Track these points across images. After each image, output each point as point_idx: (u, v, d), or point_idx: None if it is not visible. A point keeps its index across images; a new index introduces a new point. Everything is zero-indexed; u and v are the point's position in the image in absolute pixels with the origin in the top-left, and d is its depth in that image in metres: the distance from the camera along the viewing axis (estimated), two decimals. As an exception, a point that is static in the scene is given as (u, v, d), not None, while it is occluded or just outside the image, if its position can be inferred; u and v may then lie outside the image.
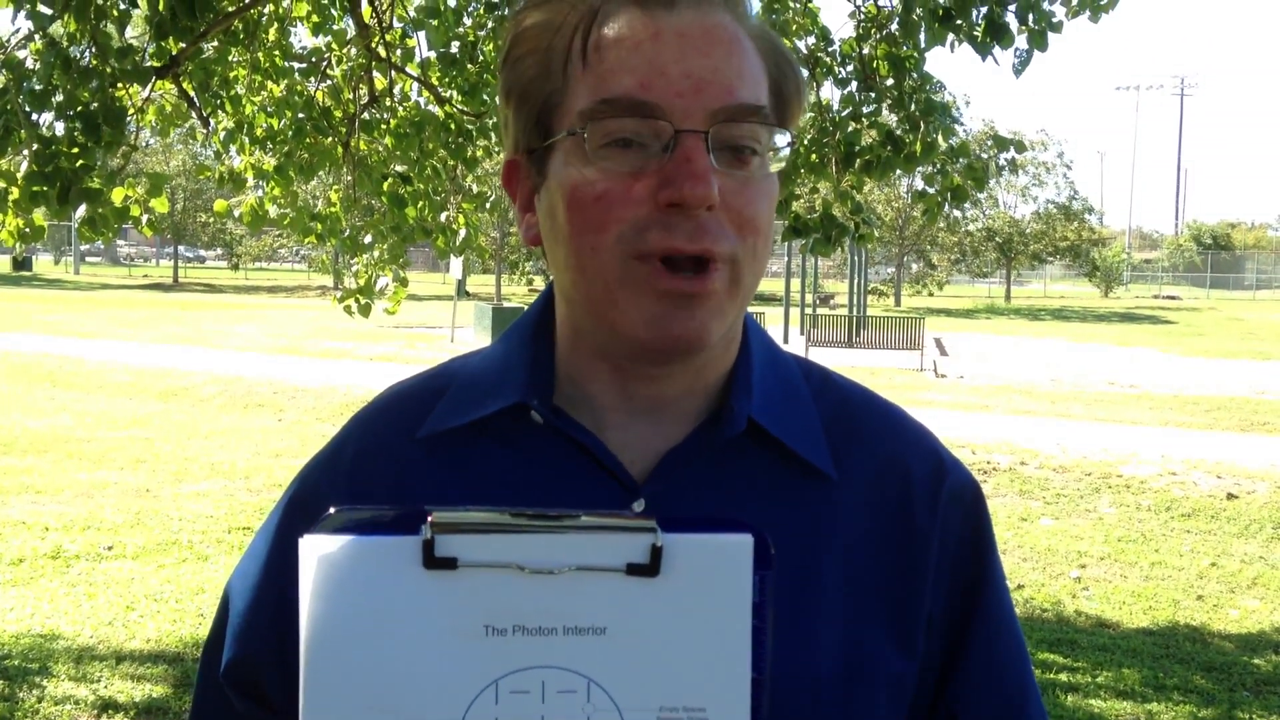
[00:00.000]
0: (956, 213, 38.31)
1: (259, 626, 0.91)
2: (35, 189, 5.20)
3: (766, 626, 0.68)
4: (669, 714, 0.67)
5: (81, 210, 5.17)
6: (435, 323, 24.60)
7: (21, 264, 46.94)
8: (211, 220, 47.76)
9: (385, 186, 6.38)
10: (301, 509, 0.91)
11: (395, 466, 0.90)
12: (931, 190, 6.09)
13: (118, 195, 5.34)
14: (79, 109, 4.90)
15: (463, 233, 6.91)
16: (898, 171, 5.75)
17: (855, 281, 25.56)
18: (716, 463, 0.88)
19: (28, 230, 5.68)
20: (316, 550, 0.66)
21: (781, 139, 0.85)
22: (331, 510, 0.67)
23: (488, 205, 7.36)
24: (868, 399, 0.97)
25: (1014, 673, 0.95)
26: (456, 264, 17.74)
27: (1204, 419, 12.56)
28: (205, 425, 11.43)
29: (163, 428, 11.26)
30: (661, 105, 0.80)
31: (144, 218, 5.58)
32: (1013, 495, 8.70)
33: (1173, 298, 49.38)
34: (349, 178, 6.48)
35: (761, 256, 0.84)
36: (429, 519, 0.66)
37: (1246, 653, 5.52)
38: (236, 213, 6.46)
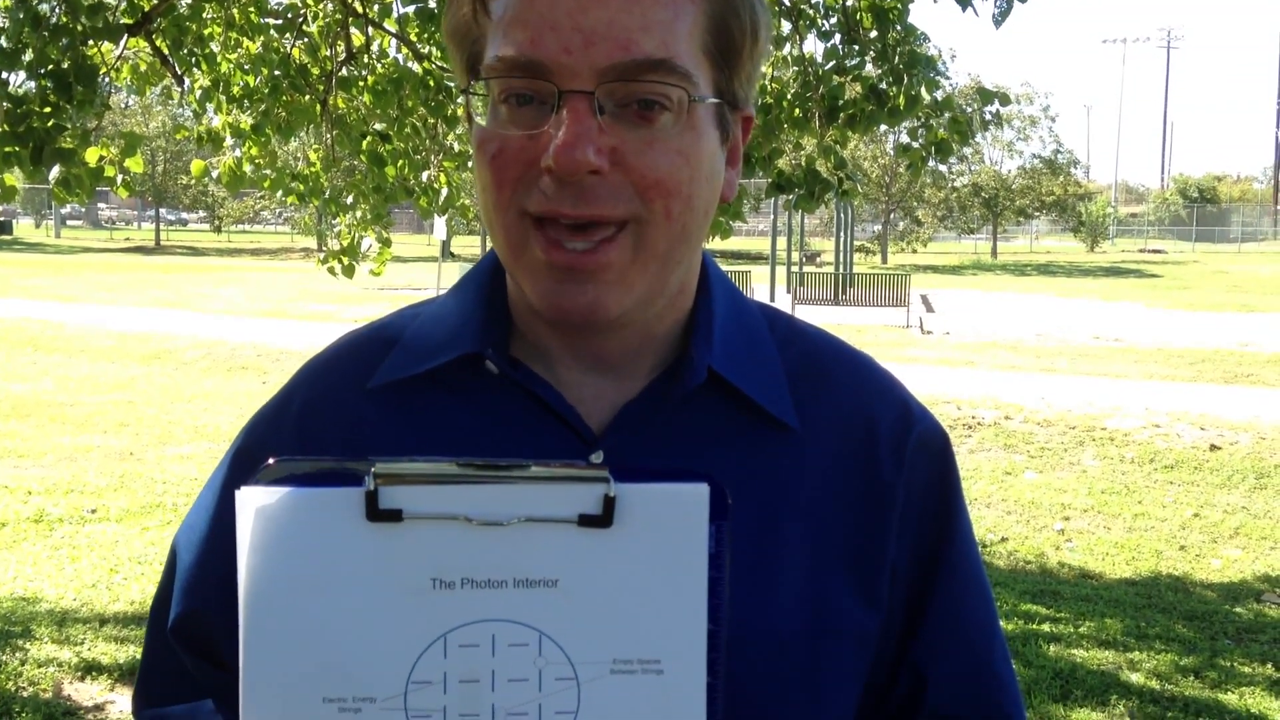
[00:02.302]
0: (942, 168, 38.23)
1: (206, 582, 0.89)
2: (7, 149, 5.12)
3: (724, 578, 0.66)
4: (623, 667, 0.65)
5: (55, 171, 5.11)
6: (420, 285, 24.48)
7: (1, 228, 46.53)
8: (192, 182, 47.35)
9: (365, 145, 6.32)
10: (248, 461, 0.88)
11: (345, 418, 0.88)
12: (916, 144, 6.05)
13: (92, 155, 5.27)
14: (50, 67, 4.82)
15: (445, 192, 6.85)
16: (882, 126, 5.71)
17: (841, 239, 25.50)
18: (676, 414, 0.86)
19: (0, 190, 5.60)
20: (254, 503, 0.64)
21: (706, 88, 0.79)
22: (270, 461, 0.65)
23: (470, 165, 7.28)
24: (835, 348, 0.95)
25: (981, 627, 0.93)
26: (440, 225, 17.61)
27: (1188, 371, 12.61)
28: (189, 388, 11.38)
29: (146, 391, 11.20)
30: (547, 63, 0.75)
31: (119, 178, 5.51)
32: (997, 449, 8.72)
33: (1158, 251, 49.46)
34: (328, 137, 6.41)
35: (678, 217, 0.79)
36: (372, 470, 0.63)
37: (1228, 601, 5.56)
38: (215, 173, 6.39)
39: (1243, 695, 4.34)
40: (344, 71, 6.19)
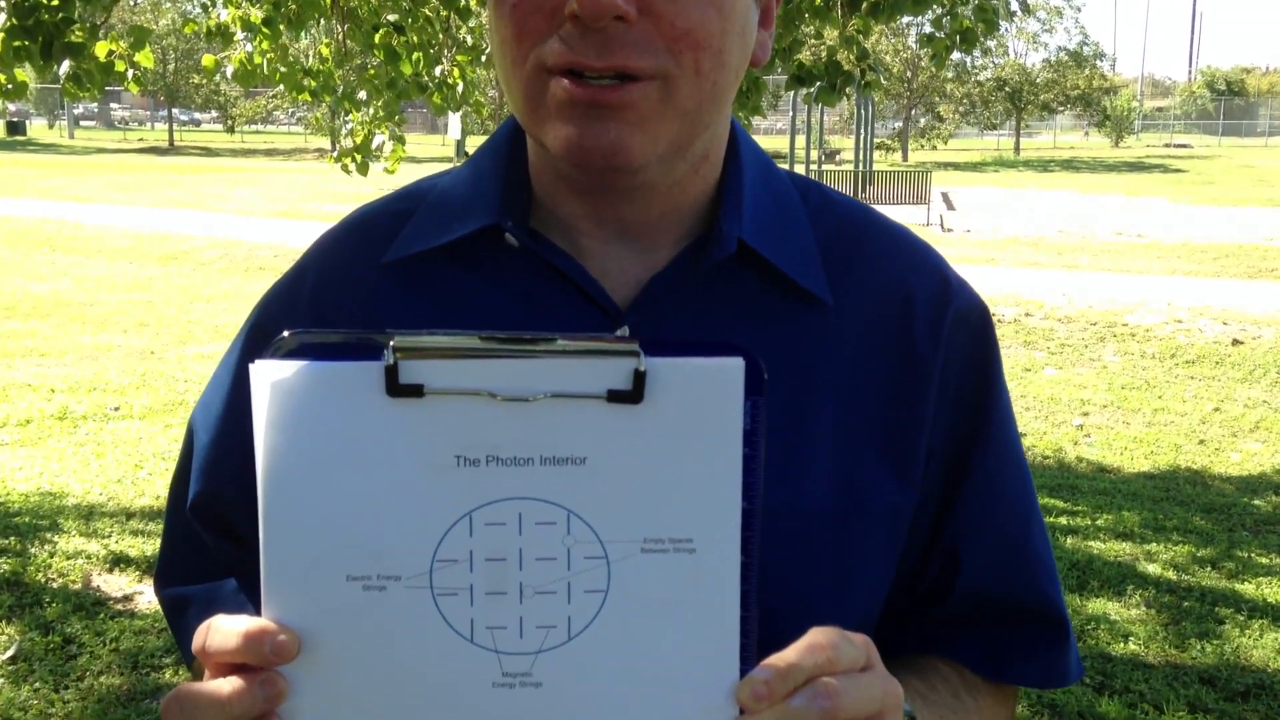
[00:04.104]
0: (965, 58, 37.41)
1: (223, 460, 0.87)
2: (16, 44, 5.05)
3: (758, 455, 0.64)
4: (654, 546, 0.63)
5: (65, 66, 5.04)
6: (435, 182, 24.27)
7: (15, 128, 46.26)
8: (205, 82, 46.83)
9: (377, 38, 6.20)
10: (263, 338, 0.85)
11: (360, 294, 0.85)
12: (940, 34, 5.90)
13: (101, 50, 5.19)
14: (55, -42, 4.72)
15: (459, 88, 6.74)
16: (905, 16, 5.56)
17: (861, 136, 25.09)
18: (704, 288, 0.82)
19: (10, 86, 5.54)
20: (269, 377, 0.62)
21: None
22: (285, 333, 0.62)
23: (484, 59, 7.16)
24: (870, 219, 0.91)
25: (1017, 505, 0.90)
26: (455, 124, 17.38)
27: (1211, 267, 12.47)
28: (207, 289, 11.39)
29: (164, 291, 11.22)
30: None
31: (130, 73, 5.43)
32: (1017, 346, 8.68)
33: (1184, 146, 48.62)
34: (340, 30, 6.29)
35: (708, 74, 0.74)
36: (391, 343, 0.61)
37: (1246, 494, 5.57)
38: (227, 69, 6.28)
39: (1259, 585, 4.37)
40: (354, -39, 6.05)
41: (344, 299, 0.85)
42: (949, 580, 0.89)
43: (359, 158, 6.94)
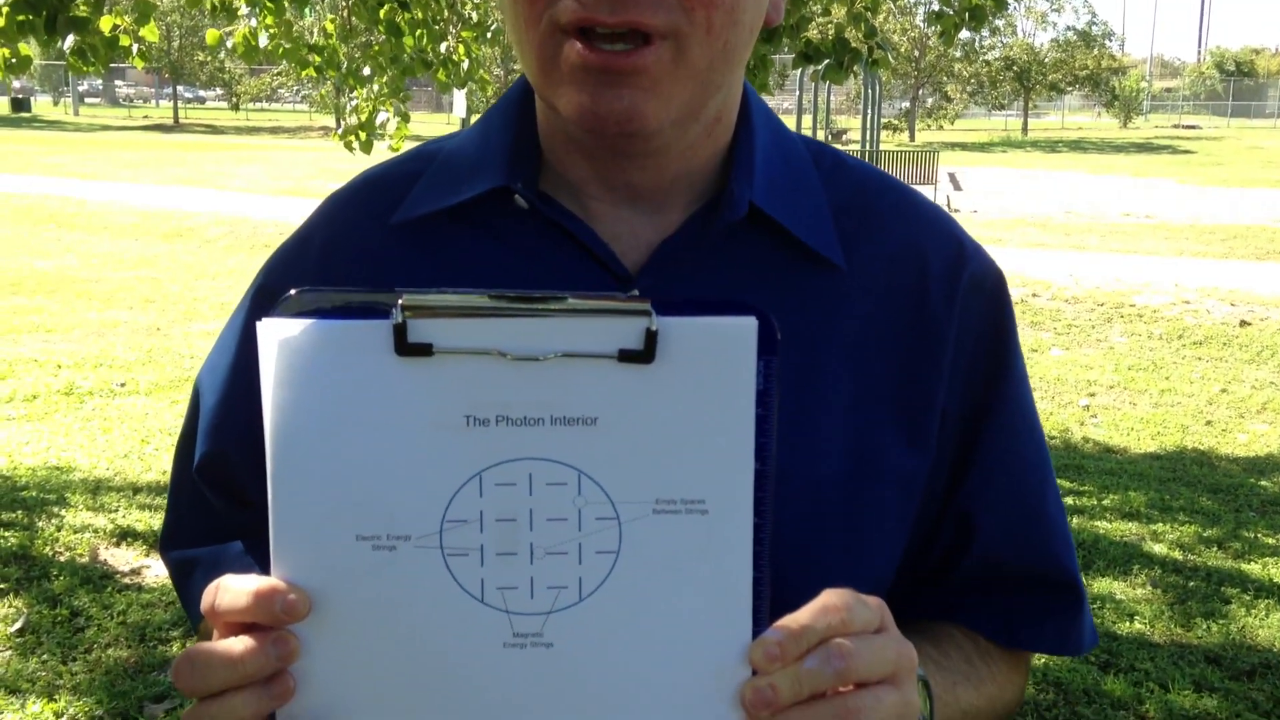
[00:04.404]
0: (973, 37, 37.23)
1: (229, 421, 0.87)
2: (20, 18, 5.03)
3: (771, 416, 0.63)
4: (666, 507, 0.62)
5: (69, 40, 5.02)
6: (441, 160, 24.22)
7: (20, 105, 46.20)
8: (209, 59, 46.69)
9: (382, 14, 6.17)
10: (269, 299, 0.85)
11: (368, 255, 0.84)
12: (949, 11, 5.86)
13: (105, 24, 5.17)
14: (58, -69, 4.70)
15: (464, 65, 6.72)
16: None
17: (868, 116, 24.98)
18: (715, 252, 0.81)
19: (14, 60, 5.52)
20: (277, 335, 0.61)
21: None
22: (292, 291, 0.62)
23: (489, 35, 7.13)
24: (884, 183, 0.90)
25: (1033, 471, 0.90)
26: (460, 102, 17.31)
27: (1220, 248, 12.43)
28: (212, 266, 11.39)
29: (170, 268, 11.22)
30: None
31: (134, 48, 5.42)
32: (1024, 326, 8.66)
33: (1193, 127, 48.39)
34: (344, 6, 6.26)
35: (720, 32, 0.73)
36: (399, 301, 0.60)
37: (1253, 475, 5.56)
38: (229, 43, 6.26)
39: (1265, 565, 4.36)
40: (359, -65, 6.02)
41: (351, 260, 0.85)
42: (964, 546, 0.88)
43: (363, 135, 6.91)
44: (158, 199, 16.35)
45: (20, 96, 47.28)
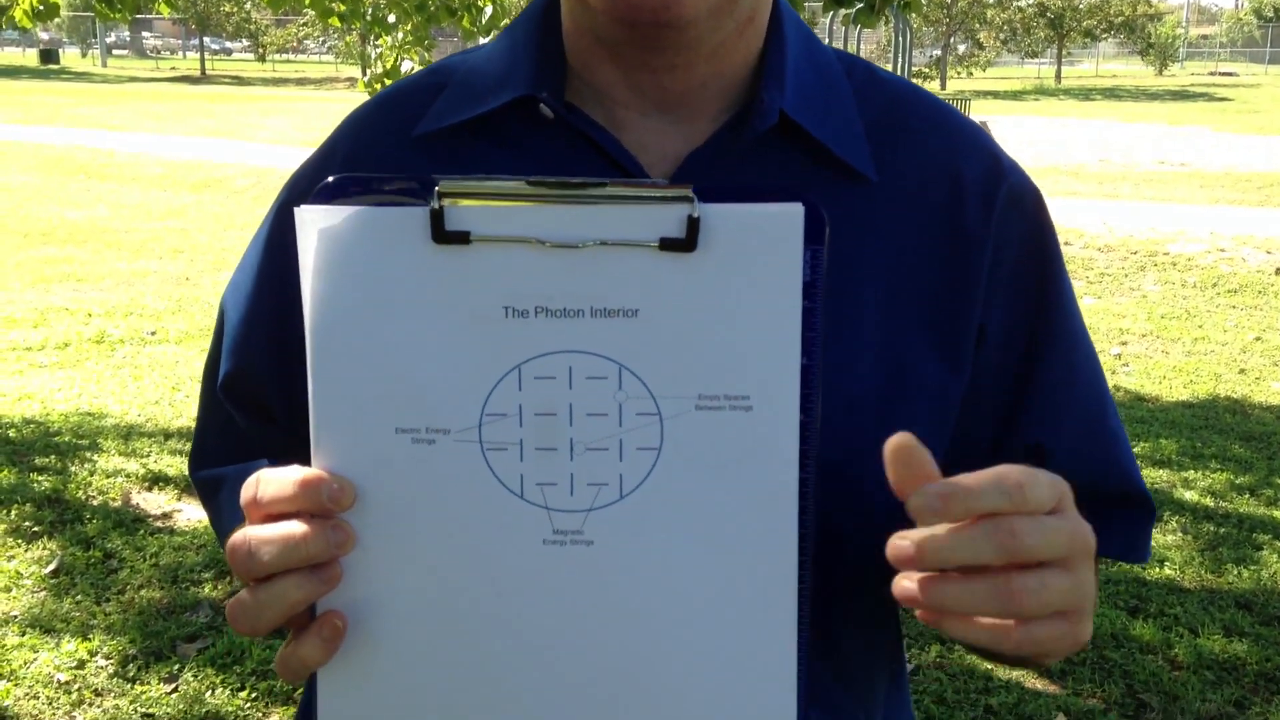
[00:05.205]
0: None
1: (253, 338, 0.86)
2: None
3: (818, 308, 0.61)
4: (709, 403, 0.61)
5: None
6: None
7: (49, 56, 46.28)
8: (235, 10, 46.54)
9: (407, -42, 6.12)
10: (292, 215, 0.84)
11: (390, 168, 0.82)
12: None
13: (132, -32, 5.16)
14: None
15: (489, 10, 6.66)
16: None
17: (899, 63, 24.66)
18: (744, 163, 0.79)
19: (41, 7, 5.51)
20: (315, 222, 0.59)
21: None
22: (329, 179, 0.60)
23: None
24: (918, 96, 0.87)
25: (1092, 387, 0.88)
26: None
27: (1256, 196, 12.23)
28: (240, 217, 11.41)
29: (198, 219, 11.25)
30: None
31: (161, -7, 5.41)
32: (1055, 274, 8.56)
33: (1229, 74, 47.51)
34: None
35: None
36: (437, 188, 0.58)
37: (1287, 424, 5.50)
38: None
39: (1299, 513, 4.32)
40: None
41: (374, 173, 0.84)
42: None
43: (389, 84, 6.87)
44: (186, 150, 16.37)
45: (49, 48, 47.34)
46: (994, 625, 0.58)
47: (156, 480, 4.45)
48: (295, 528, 0.60)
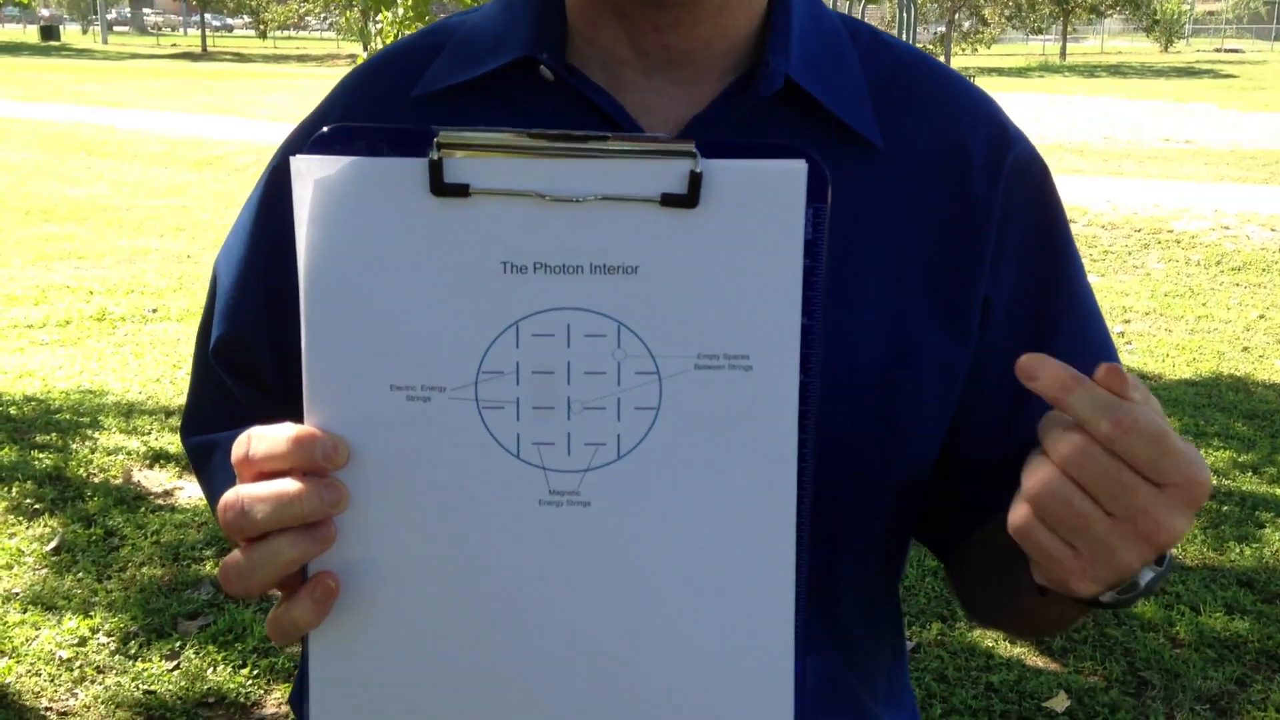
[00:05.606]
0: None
1: (245, 303, 0.85)
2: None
3: (820, 268, 0.60)
4: (708, 362, 0.60)
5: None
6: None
7: (49, 33, 46.10)
8: (236, -14, 46.29)
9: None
10: (286, 179, 0.83)
11: None
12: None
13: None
14: None
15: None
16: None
17: (903, 40, 24.56)
18: (747, 127, 0.78)
19: (40, -20, 5.47)
20: (311, 172, 0.58)
21: None
22: (325, 128, 0.59)
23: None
24: (923, 62, 0.85)
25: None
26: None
27: (1261, 173, 12.18)
28: (241, 194, 11.37)
29: (199, 196, 11.22)
30: None
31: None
32: (1059, 252, 8.53)
33: (1235, 51, 47.28)
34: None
35: None
36: (436, 139, 0.57)
37: (1291, 402, 5.48)
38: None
39: (1302, 491, 4.32)
40: None
41: None
42: None
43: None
44: (187, 127, 16.32)
45: (49, 25, 47.16)
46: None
47: (158, 458, 4.44)
48: (288, 485, 0.59)
